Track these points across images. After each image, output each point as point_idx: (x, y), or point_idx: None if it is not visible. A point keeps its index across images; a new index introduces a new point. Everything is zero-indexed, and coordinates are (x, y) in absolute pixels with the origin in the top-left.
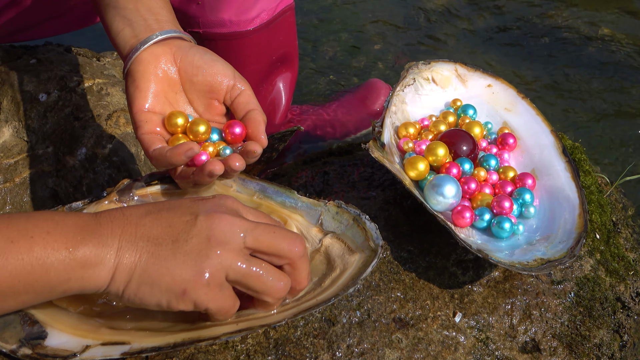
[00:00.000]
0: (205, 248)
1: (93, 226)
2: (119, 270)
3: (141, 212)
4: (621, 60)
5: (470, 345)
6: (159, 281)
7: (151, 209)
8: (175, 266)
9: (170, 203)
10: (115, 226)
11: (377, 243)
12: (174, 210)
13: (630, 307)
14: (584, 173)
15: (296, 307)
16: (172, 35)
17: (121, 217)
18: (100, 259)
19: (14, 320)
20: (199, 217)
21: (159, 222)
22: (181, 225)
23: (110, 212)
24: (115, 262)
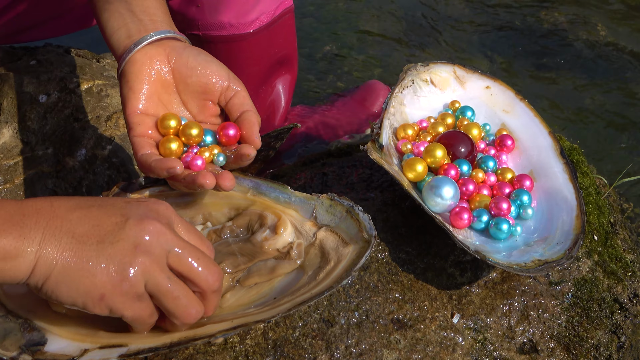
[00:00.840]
0: (129, 255)
1: (17, 217)
2: (39, 264)
3: (70, 205)
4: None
5: (468, 346)
6: (77, 282)
7: (81, 204)
8: (97, 269)
9: (103, 200)
10: (40, 217)
11: (370, 233)
12: (105, 208)
13: (628, 309)
14: (582, 174)
15: (291, 301)
16: (166, 36)
17: (48, 208)
18: (21, 252)
19: (14, 328)
20: (129, 220)
21: (87, 220)
22: (109, 226)
23: (37, 202)
24: (36, 256)
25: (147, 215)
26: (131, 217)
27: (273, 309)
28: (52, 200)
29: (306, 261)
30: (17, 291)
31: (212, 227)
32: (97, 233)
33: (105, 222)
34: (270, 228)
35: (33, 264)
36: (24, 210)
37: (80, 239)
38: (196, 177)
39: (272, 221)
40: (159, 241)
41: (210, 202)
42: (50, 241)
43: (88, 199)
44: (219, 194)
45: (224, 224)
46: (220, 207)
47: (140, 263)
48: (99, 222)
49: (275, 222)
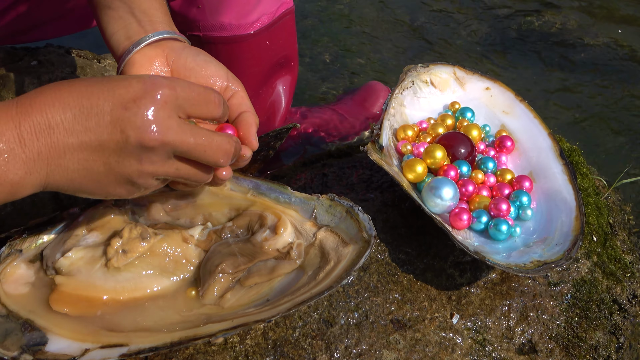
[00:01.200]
0: (136, 171)
1: (17, 148)
2: (49, 187)
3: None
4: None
5: (468, 347)
6: (94, 193)
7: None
8: (109, 186)
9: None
10: (41, 145)
11: (370, 233)
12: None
13: (627, 309)
14: (582, 176)
15: (291, 301)
16: (165, 37)
17: (47, 130)
18: (28, 182)
19: (15, 328)
20: (129, 139)
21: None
22: (112, 145)
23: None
24: (44, 182)
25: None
26: (131, 133)
27: (273, 308)
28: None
29: (306, 261)
30: (19, 291)
31: (213, 227)
32: (102, 156)
33: (107, 141)
34: (270, 228)
35: (42, 187)
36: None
37: (86, 163)
38: None
39: (272, 221)
40: (163, 149)
41: (211, 202)
42: (56, 171)
43: (83, 99)
44: (219, 195)
45: (224, 224)
46: (220, 208)
47: (147, 172)
48: (101, 142)
49: (275, 222)
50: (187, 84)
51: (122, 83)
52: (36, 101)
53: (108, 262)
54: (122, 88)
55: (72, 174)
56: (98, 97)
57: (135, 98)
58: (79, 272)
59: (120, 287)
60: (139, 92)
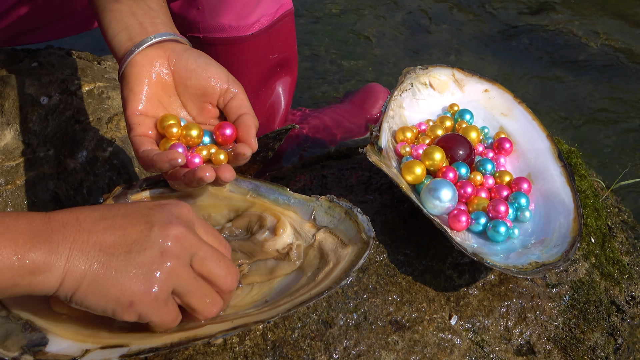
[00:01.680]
0: (157, 262)
1: (44, 232)
2: (67, 278)
3: (95, 216)
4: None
5: (466, 348)
6: (107, 291)
7: (106, 214)
8: (126, 279)
9: (126, 207)
10: (67, 232)
11: (369, 235)
12: (129, 217)
13: (625, 311)
14: (580, 177)
15: (290, 302)
16: (167, 38)
17: (74, 222)
18: (49, 267)
19: (15, 329)
20: (153, 228)
21: (112, 230)
22: (135, 235)
23: (63, 215)
24: (64, 270)
25: (171, 220)
26: (156, 224)
27: (272, 309)
28: (77, 213)
29: (305, 262)
30: None
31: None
32: (123, 243)
33: (130, 232)
34: (269, 229)
35: (62, 277)
36: (51, 224)
37: (107, 250)
38: (196, 171)
39: (271, 223)
40: (184, 246)
41: (210, 203)
42: (78, 255)
43: (111, 207)
44: (219, 196)
45: (223, 225)
46: (219, 209)
47: (168, 268)
48: (125, 231)
49: (274, 223)
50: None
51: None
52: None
53: None
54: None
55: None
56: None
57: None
58: None
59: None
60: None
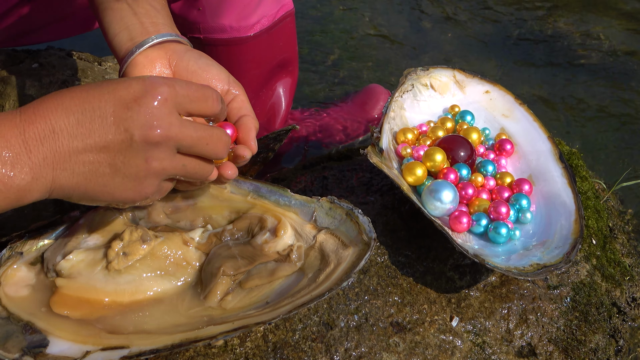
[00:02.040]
0: (143, 169)
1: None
2: (55, 192)
3: (71, 123)
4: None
5: (467, 350)
6: (98, 199)
7: (81, 118)
8: (115, 189)
9: (102, 108)
10: (46, 150)
11: (370, 236)
12: (106, 121)
13: (626, 312)
14: (581, 179)
15: (291, 303)
16: (168, 39)
17: (51, 135)
18: (36, 189)
19: (16, 330)
20: (134, 137)
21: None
22: (117, 146)
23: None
24: (51, 188)
25: (150, 123)
26: (135, 132)
27: (273, 311)
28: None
29: (306, 263)
30: (20, 294)
31: (213, 230)
32: (107, 156)
33: (112, 142)
34: (270, 231)
35: (49, 192)
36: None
37: (91, 165)
38: None
39: (272, 224)
40: (167, 145)
41: (211, 205)
42: (62, 175)
43: (85, 104)
44: (219, 197)
45: (224, 227)
46: (220, 210)
47: (154, 171)
48: (106, 142)
49: (275, 225)
50: (185, 82)
51: (122, 85)
52: (39, 109)
53: (109, 265)
54: (123, 89)
55: (77, 177)
56: (99, 100)
57: (136, 97)
58: (79, 274)
59: (121, 289)
60: (139, 92)
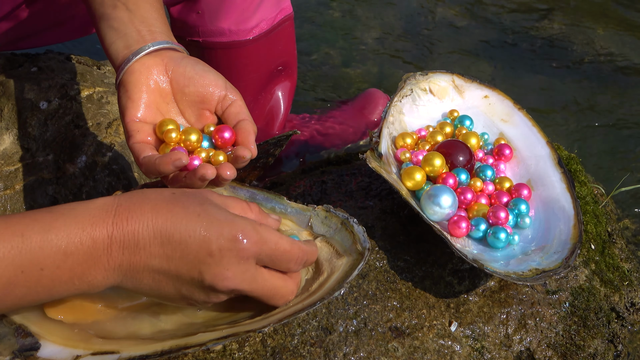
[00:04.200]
0: (202, 300)
1: (103, 257)
2: (118, 287)
3: (155, 243)
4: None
5: (466, 355)
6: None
7: (165, 245)
8: (174, 302)
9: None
10: (124, 259)
11: (364, 246)
12: (186, 254)
13: (625, 317)
14: (580, 184)
15: (282, 312)
16: (164, 47)
17: (133, 248)
18: (103, 285)
19: (8, 333)
20: (205, 282)
21: (167, 268)
22: (188, 279)
23: (125, 236)
24: (112, 286)
25: (223, 274)
26: (206, 277)
27: (264, 319)
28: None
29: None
30: None
31: None
32: (175, 284)
33: (184, 276)
34: None
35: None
36: (112, 246)
37: (158, 284)
38: (197, 169)
39: None
40: (231, 293)
41: None
42: (129, 282)
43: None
44: None
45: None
46: None
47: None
48: (179, 274)
49: None
50: (275, 241)
51: (214, 229)
52: (133, 216)
53: None
54: (215, 231)
55: (143, 287)
56: (189, 235)
57: (221, 248)
58: None
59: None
60: (226, 244)
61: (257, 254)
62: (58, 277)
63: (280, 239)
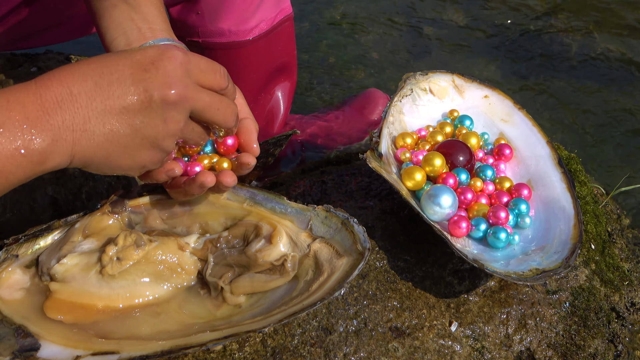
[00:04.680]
0: (161, 130)
1: (42, 116)
2: (77, 159)
3: (89, 87)
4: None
5: (466, 355)
6: (119, 163)
7: (99, 82)
8: (135, 152)
9: (119, 69)
10: (65, 113)
11: (364, 246)
12: (125, 83)
13: (625, 317)
14: (580, 184)
15: (283, 312)
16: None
17: (69, 97)
18: (57, 154)
19: (8, 333)
20: (153, 97)
21: (112, 103)
22: (136, 106)
23: (55, 90)
24: (72, 153)
25: (168, 83)
26: (154, 92)
27: (264, 319)
28: (69, 86)
29: (300, 272)
30: (14, 297)
31: (209, 236)
32: (126, 119)
33: (131, 104)
34: (265, 238)
35: (70, 159)
36: (46, 105)
37: (112, 127)
38: (197, 176)
39: (267, 232)
40: (184, 106)
41: (207, 211)
42: (82, 138)
43: (103, 68)
44: (216, 204)
45: (220, 233)
46: (216, 217)
47: (171, 132)
48: (125, 104)
49: (270, 232)
50: (197, 54)
51: (137, 51)
52: (54, 75)
53: (102, 270)
54: (139, 54)
55: (98, 138)
56: (117, 64)
57: (153, 60)
58: (73, 278)
59: (115, 294)
60: (155, 55)
61: (187, 62)
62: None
63: (201, 56)
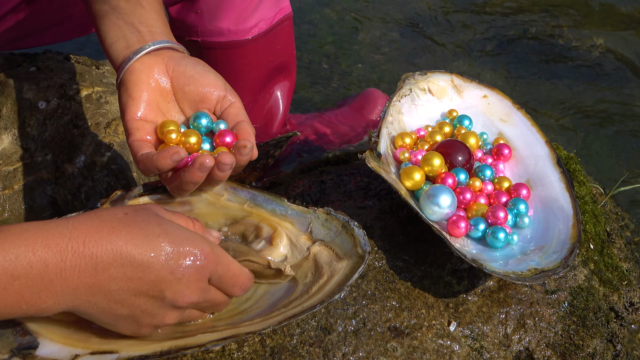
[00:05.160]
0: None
1: (56, 281)
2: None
3: (116, 266)
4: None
5: (465, 354)
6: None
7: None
8: (121, 328)
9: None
10: (80, 284)
11: (364, 249)
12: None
13: (624, 317)
14: (579, 183)
15: (282, 314)
16: (164, 46)
17: (92, 271)
18: (54, 310)
19: (6, 331)
20: (166, 298)
21: (126, 288)
22: (145, 305)
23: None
24: (67, 310)
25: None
26: (168, 295)
27: (264, 321)
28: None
29: (300, 274)
30: None
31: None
32: (131, 305)
33: (140, 301)
34: (265, 240)
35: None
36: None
37: (113, 307)
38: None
39: (267, 233)
40: (189, 307)
41: (207, 212)
42: (82, 305)
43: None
44: (216, 204)
45: (219, 229)
46: (216, 218)
47: (164, 325)
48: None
49: (271, 234)
50: (227, 264)
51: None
52: (90, 239)
53: None
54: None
55: (94, 311)
56: (151, 255)
57: (182, 266)
58: None
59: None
60: (187, 261)
61: (212, 272)
62: (3, 300)
63: (232, 263)
